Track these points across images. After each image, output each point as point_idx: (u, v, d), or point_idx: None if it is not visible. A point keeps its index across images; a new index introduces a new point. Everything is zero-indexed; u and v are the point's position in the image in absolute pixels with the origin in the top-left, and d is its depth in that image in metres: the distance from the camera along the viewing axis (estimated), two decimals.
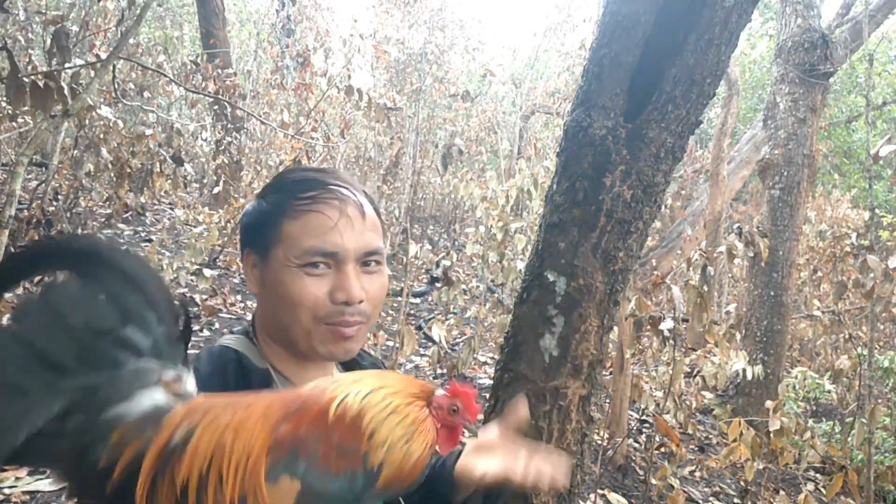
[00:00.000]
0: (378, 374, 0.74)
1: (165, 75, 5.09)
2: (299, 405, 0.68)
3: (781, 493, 3.57)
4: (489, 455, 0.95)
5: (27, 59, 5.50)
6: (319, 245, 0.87)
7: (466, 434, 0.77)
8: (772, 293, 5.09)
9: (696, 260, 3.25)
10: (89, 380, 0.64)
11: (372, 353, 1.14)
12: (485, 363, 5.14)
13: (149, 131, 5.57)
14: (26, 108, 2.50)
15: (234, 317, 4.95)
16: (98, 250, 0.69)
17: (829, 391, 4.90)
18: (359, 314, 0.90)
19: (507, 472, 0.91)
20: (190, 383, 0.71)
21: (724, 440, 4.43)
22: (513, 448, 0.95)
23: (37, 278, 0.77)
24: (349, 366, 1.02)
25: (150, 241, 6.06)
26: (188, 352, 0.74)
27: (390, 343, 4.33)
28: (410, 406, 0.70)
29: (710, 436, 4.86)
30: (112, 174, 5.68)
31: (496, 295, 6.16)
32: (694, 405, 4.42)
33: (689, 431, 4.01)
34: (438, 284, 5.40)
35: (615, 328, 3.38)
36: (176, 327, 0.72)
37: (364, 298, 0.90)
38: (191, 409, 0.67)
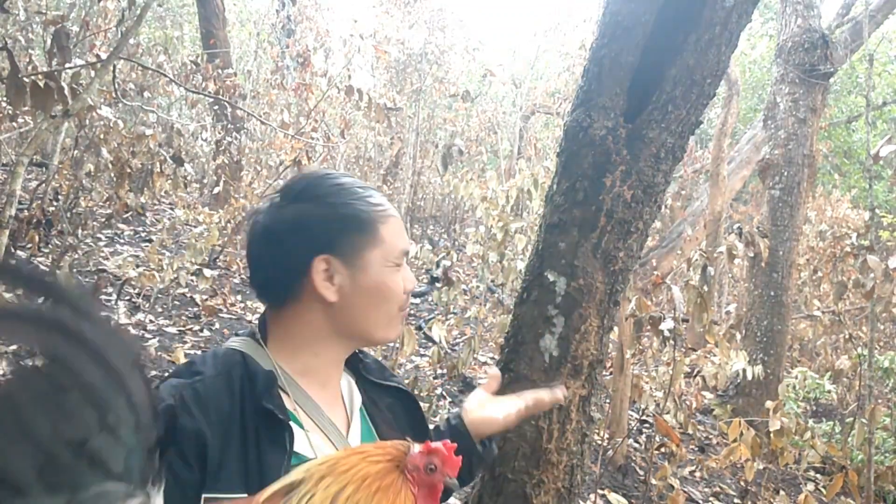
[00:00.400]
0: (344, 463, 0.70)
1: (165, 75, 5.09)
2: None
3: (781, 493, 3.57)
4: (494, 404, 1.12)
5: (27, 59, 5.49)
6: (405, 246, 0.97)
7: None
8: (772, 293, 5.09)
9: (696, 260, 3.25)
10: (44, 502, 0.55)
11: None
12: (485, 363, 5.14)
13: (149, 131, 5.56)
14: (26, 108, 2.50)
15: (234, 317, 4.95)
16: (81, 330, 0.58)
17: (829, 391, 4.90)
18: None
19: (517, 410, 1.11)
20: (158, 503, 0.64)
21: (724, 440, 4.43)
22: (504, 398, 1.14)
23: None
24: (351, 362, 1.04)
25: (150, 241, 6.06)
26: (159, 468, 0.65)
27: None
28: (377, 493, 0.68)
29: (710, 436, 4.86)
30: (112, 174, 5.68)
31: (496, 295, 6.16)
32: (694, 405, 4.42)
33: (689, 431, 4.01)
34: (438, 284, 5.40)
35: (615, 328, 3.38)
36: (154, 431, 0.63)
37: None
38: None
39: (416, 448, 0.73)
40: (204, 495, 0.78)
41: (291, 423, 0.86)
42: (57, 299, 0.59)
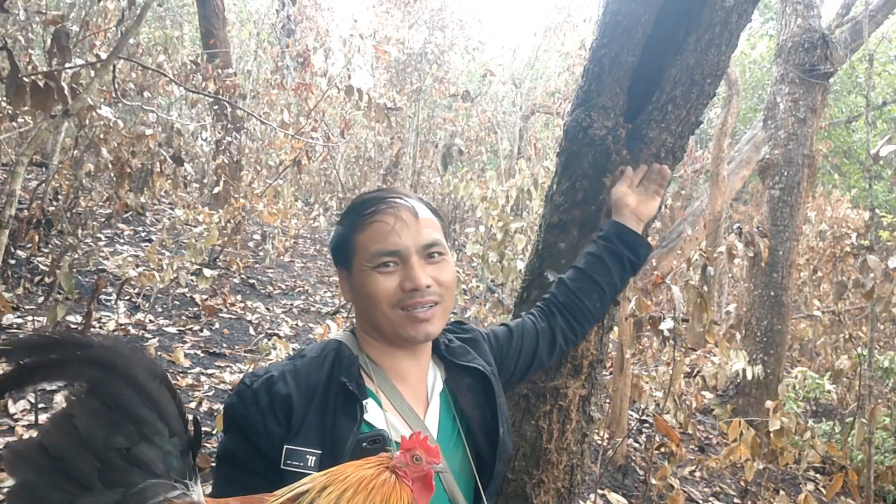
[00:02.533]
0: (342, 472, 0.80)
1: (165, 75, 5.08)
2: None
3: (781, 493, 3.57)
4: (644, 202, 1.48)
5: (27, 59, 5.50)
6: (382, 247, 1.04)
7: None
8: (772, 293, 5.09)
9: (696, 260, 3.25)
10: (105, 498, 0.71)
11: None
12: None
13: (149, 131, 5.57)
14: (26, 108, 2.50)
15: (233, 317, 4.95)
16: (112, 360, 0.74)
17: (829, 391, 4.90)
18: (430, 297, 1.05)
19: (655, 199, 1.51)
20: (196, 493, 0.78)
21: (724, 440, 4.43)
22: (640, 191, 1.51)
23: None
24: (437, 345, 1.17)
25: (150, 241, 6.06)
26: (195, 461, 0.81)
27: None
28: (374, 491, 0.78)
29: (710, 436, 4.86)
30: (112, 174, 5.68)
31: (496, 295, 6.16)
32: (694, 405, 4.42)
33: (689, 431, 4.01)
34: None
35: (615, 328, 3.38)
36: (186, 436, 0.79)
37: (431, 283, 1.04)
38: None
39: (396, 451, 0.83)
40: (286, 446, 0.95)
41: (371, 400, 1.02)
42: (84, 345, 0.75)
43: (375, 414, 1.02)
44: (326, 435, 0.97)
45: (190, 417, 0.82)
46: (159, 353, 3.84)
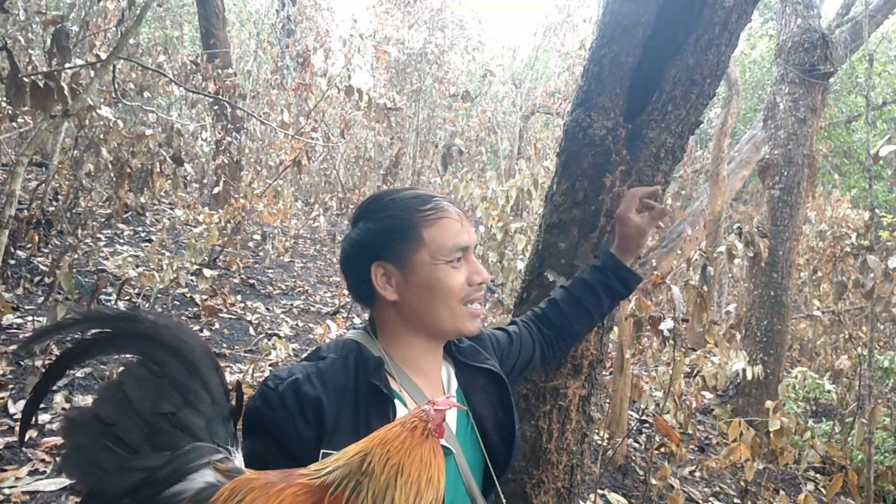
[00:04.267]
0: (381, 445, 0.80)
1: (165, 75, 5.08)
2: (320, 497, 0.77)
3: (781, 493, 3.57)
4: (639, 235, 1.43)
5: (27, 59, 5.50)
6: (458, 242, 1.07)
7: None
8: (772, 293, 5.09)
9: (696, 260, 3.25)
10: (153, 461, 0.76)
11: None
12: None
13: (149, 131, 5.57)
14: (26, 108, 2.50)
15: (233, 317, 4.94)
16: (159, 334, 0.80)
17: (829, 391, 4.89)
18: (482, 292, 1.10)
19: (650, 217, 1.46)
20: (238, 459, 0.82)
21: (724, 440, 4.43)
22: (639, 224, 1.44)
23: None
24: (448, 347, 1.18)
25: (150, 241, 6.06)
26: (237, 429, 0.85)
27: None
28: (413, 458, 0.78)
29: (710, 436, 4.86)
30: (112, 174, 5.68)
31: (496, 295, 6.16)
32: (694, 405, 4.42)
33: (689, 431, 4.01)
34: None
35: (615, 328, 3.38)
36: (228, 405, 0.84)
37: (487, 279, 1.10)
38: (234, 490, 0.77)
39: (431, 409, 0.83)
40: (322, 451, 0.95)
41: (396, 400, 1.02)
42: (135, 321, 0.81)
43: (402, 413, 1.02)
44: (361, 437, 0.96)
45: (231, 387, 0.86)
46: None
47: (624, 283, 1.43)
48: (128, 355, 0.81)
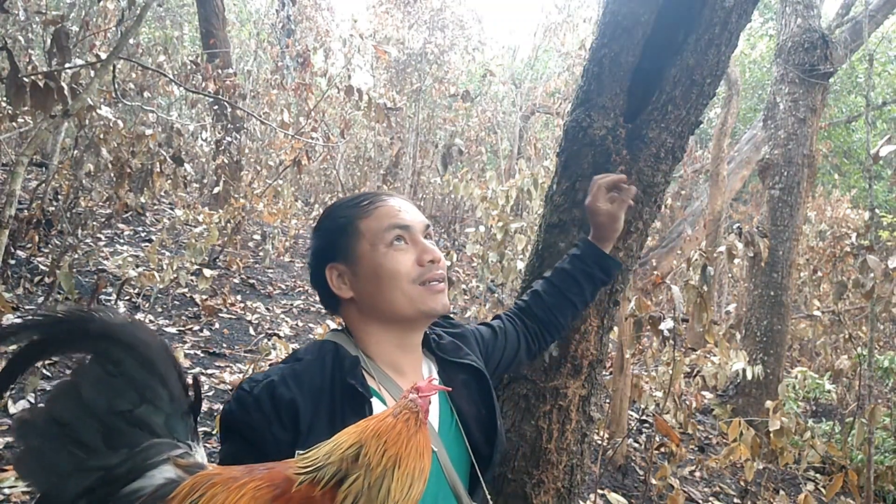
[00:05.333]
0: (376, 437, 0.79)
1: (165, 75, 5.08)
2: (282, 490, 0.76)
3: (781, 493, 3.57)
4: (612, 221, 1.39)
5: (27, 59, 5.50)
6: (395, 221, 1.07)
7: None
8: (772, 293, 5.08)
9: (696, 260, 3.25)
10: (110, 459, 0.75)
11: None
12: None
13: (149, 131, 5.57)
14: (26, 108, 2.50)
15: (233, 317, 4.94)
16: (112, 331, 0.78)
17: (829, 391, 4.89)
18: (441, 271, 1.10)
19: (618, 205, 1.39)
20: (199, 454, 0.82)
21: (724, 440, 4.43)
22: (609, 210, 1.38)
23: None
24: (429, 344, 1.17)
25: (150, 241, 6.06)
26: (197, 425, 0.84)
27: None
28: (409, 450, 0.77)
29: (710, 436, 4.86)
30: (112, 174, 5.69)
31: (496, 295, 6.16)
32: (694, 405, 4.42)
33: (689, 431, 4.01)
34: None
35: (615, 328, 3.38)
36: (186, 400, 0.83)
37: (441, 258, 1.10)
38: (195, 485, 0.76)
39: (417, 396, 0.83)
40: (298, 452, 0.92)
41: (375, 398, 1.02)
42: (87, 320, 0.79)
43: (380, 411, 1.02)
44: None
45: (189, 381, 0.85)
46: None
47: (605, 270, 1.42)
48: (82, 354, 0.79)
